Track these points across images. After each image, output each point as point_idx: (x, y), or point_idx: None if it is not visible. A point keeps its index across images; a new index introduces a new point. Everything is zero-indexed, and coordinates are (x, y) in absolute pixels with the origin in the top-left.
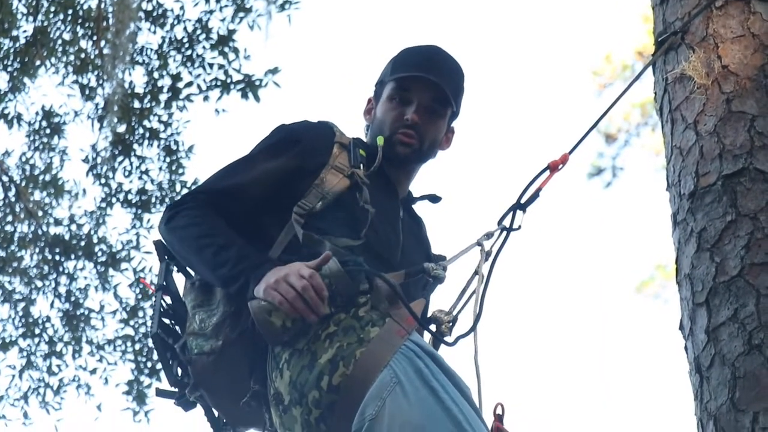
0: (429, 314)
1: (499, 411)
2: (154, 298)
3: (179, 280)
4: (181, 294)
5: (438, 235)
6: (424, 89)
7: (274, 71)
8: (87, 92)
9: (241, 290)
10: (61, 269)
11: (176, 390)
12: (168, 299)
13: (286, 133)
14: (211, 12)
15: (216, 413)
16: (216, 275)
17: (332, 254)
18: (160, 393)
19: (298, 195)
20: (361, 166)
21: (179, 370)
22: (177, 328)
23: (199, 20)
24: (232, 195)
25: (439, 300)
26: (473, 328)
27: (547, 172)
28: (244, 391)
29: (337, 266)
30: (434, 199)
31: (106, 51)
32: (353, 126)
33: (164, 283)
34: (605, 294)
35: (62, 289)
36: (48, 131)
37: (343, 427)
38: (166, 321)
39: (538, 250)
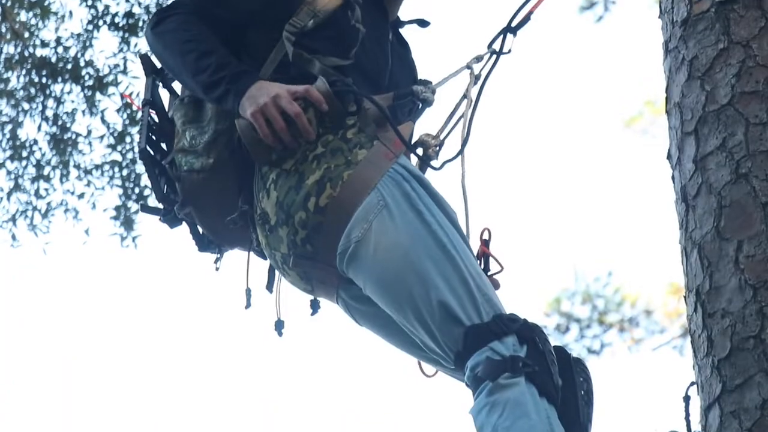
0: (416, 138)
1: (485, 236)
2: (140, 113)
3: (165, 97)
4: (169, 111)
5: (426, 59)
6: None
7: None
8: None
9: (221, 99)
10: (48, 92)
11: (162, 207)
12: (155, 115)
13: None
14: None
15: (201, 231)
16: (196, 80)
17: (321, 74)
18: (146, 209)
19: (289, 12)
20: None
21: (166, 187)
22: (164, 144)
23: None
24: (221, 3)
25: (427, 124)
26: (461, 152)
27: None
28: (232, 210)
29: (325, 86)
30: (423, 23)
31: None
32: None
33: (150, 98)
34: (593, 128)
35: (49, 113)
36: None
37: (329, 248)
38: (153, 137)
39: (527, 78)
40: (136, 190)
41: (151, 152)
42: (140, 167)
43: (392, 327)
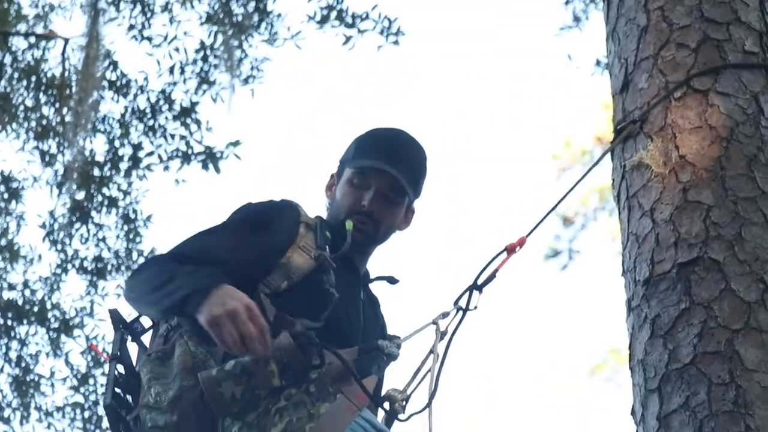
0: (383, 392)
1: None
2: (108, 368)
3: (133, 351)
4: (136, 366)
5: (394, 313)
6: (382, 178)
7: (236, 144)
8: (47, 158)
9: (184, 303)
10: (12, 334)
11: None
12: (121, 369)
13: (253, 214)
14: (174, 83)
15: None
16: (162, 293)
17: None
18: None
19: (263, 272)
20: (327, 248)
21: None
22: (130, 398)
23: (163, 91)
24: (197, 262)
25: (394, 379)
26: (429, 405)
27: (505, 254)
28: None
29: (288, 340)
30: (392, 280)
31: (68, 118)
32: (313, 202)
33: (118, 353)
34: (559, 376)
35: (13, 354)
36: (6, 196)
37: None
38: (119, 391)
39: (493, 331)
40: None
41: (117, 407)
42: (102, 410)
43: None
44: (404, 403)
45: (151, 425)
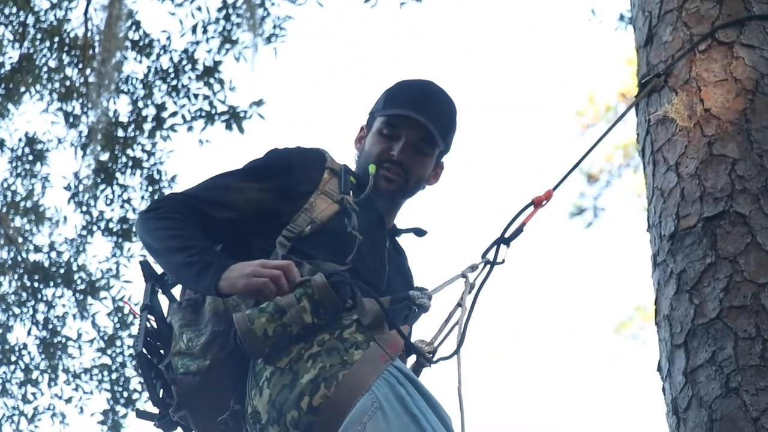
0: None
1: None
2: (139, 318)
3: (164, 303)
4: (167, 316)
5: (422, 266)
6: (412, 128)
7: (259, 103)
8: (71, 120)
9: (198, 277)
10: (39, 296)
11: (157, 411)
12: (153, 320)
13: (279, 158)
14: (197, 43)
15: None
16: (174, 261)
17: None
18: (141, 414)
19: (287, 218)
20: (351, 193)
21: (162, 391)
22: (161, 349)
23: (186, 51)
24: (214, 205)
25: (420, 331)
26: (457, 351)
27: (531, 208)
28: (226, 411)
29: (322, 279)
30: (420, 232)
31: (91, 79)
32: (338, 159)
33: (149, 303)
34: (584, 333)
35: (40, 317)
36: (30, 158)
37: None
38: (150, 340)
39: (520, 285)
40: (125, 394)
41: (148, 356)
42: (129, 371)
43: None
44: (431, 355)
45: (183, 371)
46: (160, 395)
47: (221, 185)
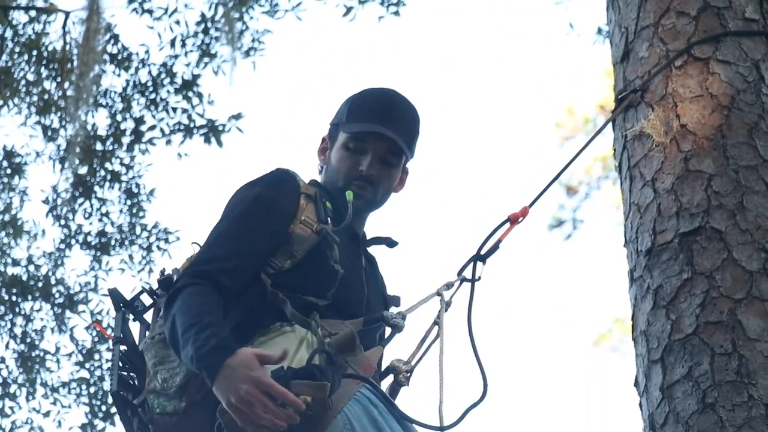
0: (387, 363)
1: None
2: (112, 352)
3: (135, 329)
4: (140, 345)
5: (394, 279)
6: (379, 141)
7: (238, 117)
8: (49, 133)
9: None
10: (17, 310)
11: None
12: (125, 349)
13: (261, 195)
14: (176, 56)
15: None
16: (188, 351)
17: (291, 316)
18: None
19: (268, 254)
20: (329, 220)
21: (139, 427)
22: (136, 381)
23: (164, 64)
24: (235, 273)
25: (396, 350)
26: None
27: (508, 224)
28: None
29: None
30: (391, 243)
31: (69, 92)
32: (313, 171)
33: (121, 335)
34: (563, 346)
35: (18, 330)
36: (9, 171)
37: None
38: (124, 374)
39: (498, 297)
40: (104, 408)
41: (123, 394)
42: (108, 384)
43: None
44: (408, 374)
45: (159, 411)
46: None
47: (229, 249)
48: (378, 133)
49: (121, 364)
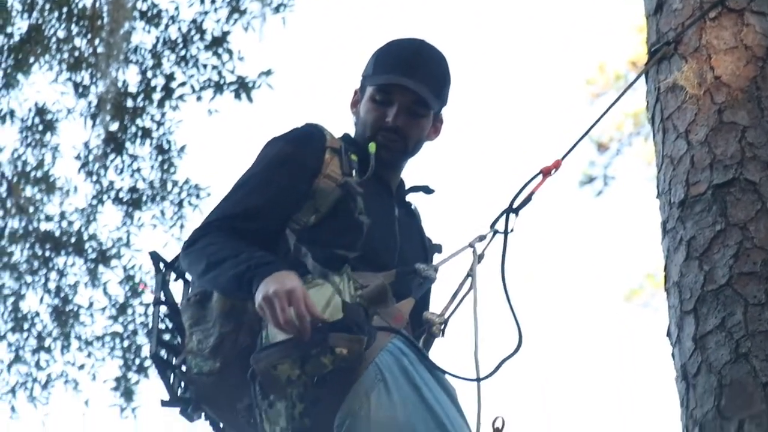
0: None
1: (498, 424)
2: (152, 314)
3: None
4: (180, 304)
5: (430, 225)
6: (405, 92)
7: (268, 73)
8: (80, 90)
9: (241, 287)
10: (51, 265)
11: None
12: (165, 310)
13: (284, 150)
14: (205, 13)
15: (220, 424)
16: (221, 271)
17: (312, 270)
18: (166, 404)
19: (294, 208)
20: (354, 172)
21: (181, 386)
22: (177, 340)
23: (194, 21)
24: (249, 217)
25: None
26: (475, 329)
27: (540, 177)
28: (243, 402)
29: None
30: (427, 190)
31: (100, 49)
32: (345, 126)
33: (161, 296)
34: (594, 301)
35: (52, 285)
36: (41, 128)
37: (326, 421)
38: (165, 336)
39: (528, 255)
40: (137, 361)
41: (163, 356)
42: (141, 339)
43: None
44: (442, 326)
45: (196, 371)
46: (178, 393)
47: (247, 196)
48: (401, 84)
49: (162, 326)
